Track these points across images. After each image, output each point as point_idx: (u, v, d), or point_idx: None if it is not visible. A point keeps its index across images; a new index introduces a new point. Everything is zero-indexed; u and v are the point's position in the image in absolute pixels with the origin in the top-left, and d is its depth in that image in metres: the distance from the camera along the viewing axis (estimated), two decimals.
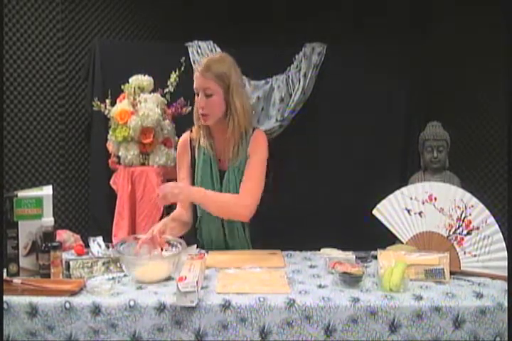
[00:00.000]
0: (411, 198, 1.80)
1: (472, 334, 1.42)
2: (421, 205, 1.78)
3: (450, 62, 3.40)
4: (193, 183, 2.05)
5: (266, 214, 3.27)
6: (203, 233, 2.06)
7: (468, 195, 1.75)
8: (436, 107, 3.39)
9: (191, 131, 2.09)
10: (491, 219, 1.71)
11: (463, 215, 1.73)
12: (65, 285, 1.51)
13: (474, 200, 1.74)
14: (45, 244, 1.61)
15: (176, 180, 3.07)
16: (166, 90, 3.01)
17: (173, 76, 2.99)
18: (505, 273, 1.60)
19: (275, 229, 3.19)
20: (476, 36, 3.28)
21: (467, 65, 3.33)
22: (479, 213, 1.72)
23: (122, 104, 2.93)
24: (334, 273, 1.60)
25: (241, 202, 1.93)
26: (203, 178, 2.00)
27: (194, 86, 1.92)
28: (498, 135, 3.33)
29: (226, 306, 1.41)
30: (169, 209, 3.08)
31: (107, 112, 2.96)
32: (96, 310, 1.40)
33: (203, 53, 3.24)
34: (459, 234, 1.72)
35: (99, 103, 2.96)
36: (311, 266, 1.80)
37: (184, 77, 3.04)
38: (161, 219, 2.92)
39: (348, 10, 3.63)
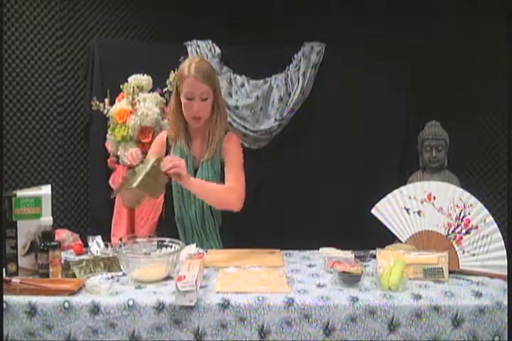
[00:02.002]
0: (410, 197, 1.80)
1: (471, 334, 1.42)
2: (420, 204, 1.78)
3: (450, 62, 3.40)
4: None
5: (264, 213, 3.29)
6: (183, 230, 2.06)
7: (467, 194, 1.75)
8: (436, 107, 3.39)
9: (168, 129, 2.11)
10: (490, 218, 1.71)
11: (462, 214, 1.73)
12: (63, 284, 1.51)
13: (473, 199, 1.74)
14: (44, 243, 1.61)
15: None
16: (165, 89, 3.01)
17: (172, 75, 2.99)
18: (504, 272, 1.61)
19: (274, 228, 3.21)
20: (476, 36, 3.28)
21: (467, 65, 3.34)
22: (478, 212, 1.72)
23: (121, 104, 2.93)
24: (333, 272, 1.61)
25: (232, 194, 1.94)
26: None
27: (187, 91, 1.91)
28: (497, 134, 3.33)
29: (225, 305, 1.41)
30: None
31: (105, 112, 2.95)
32: (95, 309, 1.40)
33: (201, 52, 3.24)
34: (458, 233, 1.72)
35: (98, 102, 2.96)
36: (310, 266, 1.80)
37: None
38: (160, 218, 2.94)
39: (348, 9, 3.63)
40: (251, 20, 3.65)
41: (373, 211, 1.84)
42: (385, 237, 1.88)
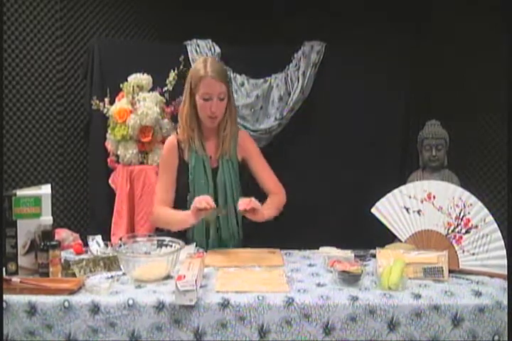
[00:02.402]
0: (410, 197, 1.80)
1: (471, 333, 1.42)
2: (420, 204, 1.78)
3: (450, 62, 3.39)
4: (179, 187, 2.06)
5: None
6: (195, 233, 2.05)
7: (467, 193, 1.75)
8: (436, 107, 3.39)
9: (177, 133, 2.11)
10: (490, 218, 1.71)
11: (462, 214, 1.73)
12: (63, 283, 1.52)
13: (473, 199, 1.74)
14: (44, 242, 1.61)
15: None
16: (165, 89, 3.01)
17: (172, 75, 2.99)
18: (504, 272, 1.61)
19: (274, 227, 3.21)
20: (476, 36, 3.28)
21: (467, 64, 3.33)
22: (478, 211, 1.72)
23: (121, 103, 2.92)
24: (333, 271, 1.61)
25: (282, 200, 2.11)
26: (196, 177, 2.02)
27: (205, 91, 1.92)
28: (497, 134, 3.33)
29: (225, 305, 1.41)
30: None
31: (105, 111, 2.95)
32: (95, 308, 1.40)
33: (201, 52, 3.23)
34: (458, 232, 1.72)
35: (97, 102, 2.95)
36: (310, 265, 1.80)
37: (183, 75, 3.04)
38: None
39: (348, 9, 3.63)
40: (251, 19, 3.64)
41: (373, 210, 1.84)
42: (385, 237, 1.89)
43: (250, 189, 2.08)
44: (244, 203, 1.79)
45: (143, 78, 2.96)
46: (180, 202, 2.05)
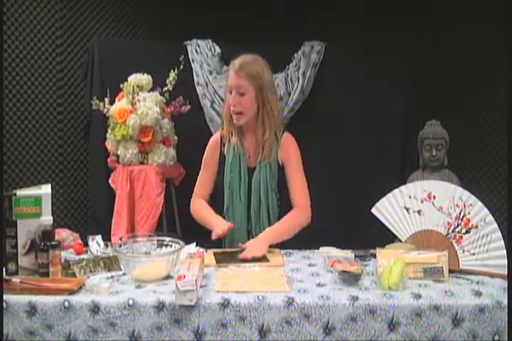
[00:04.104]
0: (410, 197, 1.80)
1: (471, 333, 1.42)
2: (420, 204, 1.78)
3: (450, 61, 3.39)
4: (218, 181, 2.09)
5: None
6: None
7: (467, 193, 1.75)
8: (436, 106, 3.39)
9: (222, 129, 2.12)
10: (490, 218, 1.71)
11: (462, 213, 1.73)
12: (63, 283, 1.51)
13: (473, 199, 1.74)
14: (44, 242, 1.61)
15: (174, 178, 3.09)
16: (165, 89, 3.01)
17: (172, 74, 2.99)
18: (504, 272, 1.61)
19: None
20: (475, 36, 3.28)
21: (467, 64, 3.33)
22: (478, 211, 1.72)
23: (121, 103, 2.92)
24: (333, 271, 1.60)
25: (304, 217, 2.04)
26: (232, 173, 2.04)
27: (228, 84, 1.98)
28: (497, 134, 3.33)
29: (225, 305, 1.41)
30: (169, 208, 3.08)
31: (105, 111, 2.95)
32: (95, 308, 1.40)
33: (201, 52, 3.23)
34: (458, 232, 1.72)
35: (97, 102, 2.95)
36: (310, 265, 1.80)
37: (183, 75, 3.04)
38: (160, 217, 2.94)
39: (348, 8, 3.63)
40: (251, 19, 3.64)
41: (373, 210, 1.84)
42: (385, 237, 1.88)
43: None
44: (246, 253, 1.83)
45: (143, 78, 2.96)
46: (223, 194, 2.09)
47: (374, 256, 1.72)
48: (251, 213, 2.05)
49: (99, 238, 1.96)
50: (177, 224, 3.14)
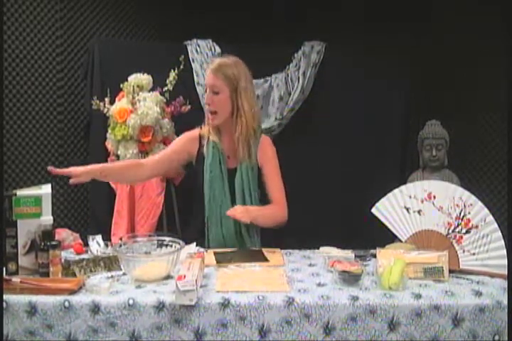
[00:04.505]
0: (410, 196, 1.80)
1: (471, 333, 1.42)
2: (420, 204, 1.78)
3: (450, 61, 3.40)
4: (196, 182, 2.08)
5: None
6: (212, 231, 2.07)
7: (467, 193, 1.75)
8: (436, 106, 3.40)
9: (201, 128, 2.13)
10: (490, 218, 1.71)
11: (462, 213, 1.73)
12: (64, 283, 1.51)
13: (473, 198, 1.74)
14: (44, 242, 1.61)
15: (174, 178, 3.09)
16: (165, 89, 3.01)
17: (172, 74, 2.99)
18: (504, 272, 1.61)
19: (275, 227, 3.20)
20: (475, 36, 3.28)
21: (467, 64, 3.33)
22: (478, 211, 1.72)
23: (121, 103, 2.92)
24: (333, 271, 1.60)
25: (281, 213, 2.07)
26: (212, 173, 2.04)
27: (205, 83, 2.06)
28: (497, 134, 3.33)
29: (225, 305, 1.41)
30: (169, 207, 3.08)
31: (105, 111, 2.95)
32: (95, 308, 1.40)
33: (201, 52, 3.23)
34: (458, 232, 1.72)
35: (98, 102, 2.95)
36: (310, 265, 1.80)
37: (183, 75, 3.04)
38: (160, 217, 2.94)
39: (348, 8, 3.63)
40: (251, 19, 3.64)
41: (373, 210, 1.84)
42: (385, 236, 1.88)
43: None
44: (231, 212, 1.89)
45: (143, 78, 2.96)
46: (197, 191, 2.09)
47: (374, 256, 1.72)
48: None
49: (99, 238, 1.96)
50: (177, 224, 3.14)
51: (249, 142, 2.02)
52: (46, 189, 1.72)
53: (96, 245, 1.92)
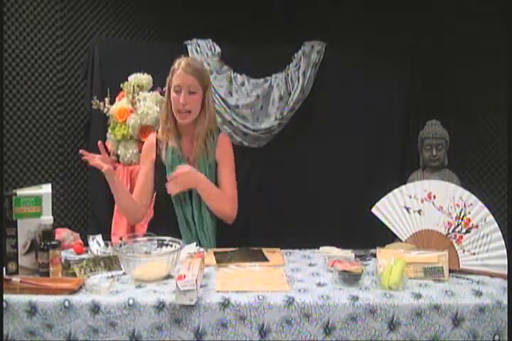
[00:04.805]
0: (410, 196, 1.80)
1: (471, 333, 1.42)
2: (420, 203, 1.78)
3: (450, 61, 3.40)
4: (156, 183, 2.09)
5: (265, 212, 3.29)
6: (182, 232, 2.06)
7: (467, 193, 1.75)
8: (436, 106, 3.40)
9: (157, 132, 2.14)
10: (490, 218, 1.71)
11: (462, 213, 1.73)
12: (64, 283, 1.51)
13: (473, 198, 1.74)
14: (44, 242, 1.61)
15: None
16: (165, 88, 3.00)
17: None
18: (505, 271, 1.61)
19: (274, 227, 3.21)
20: (475, 36, 3.28)
21: (467, 64, 3.34)
22: (478, 211, 1.72)
23: (121, 103, 2.93)
24: (333, 271, 1.60)
25: (230, 205, 2.06)
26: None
27: (176, 83, 1.98)
28: (497, 133, 3.33)
29: (225, 304, 1.41)
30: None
31: (105, 111, 2.95)
32: (95, 308, 1.40)
33: (202, 52, 3.23)
34: (458, 232, 1.72)
35: (98, 101, 2.96)
36: (310, 265, 1.80)
37: None
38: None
39: (348, 8, 3.63)
40: (251, 19, 3.64)
41: (373, 210, 1.84)
42: (385, 236, 1.88)
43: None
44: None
45: (143, 78, 2.97)
46: (159, 199, 2.10)
47: (374, 255, 1.72)
48: (194, 213, 2.04)
49: (99, 238, 1.96)
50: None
51: (206, 140, 2.04)
52: (46, 189, 1.72)
53: (96, 245, 1.92)
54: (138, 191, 2.10)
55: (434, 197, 1.77)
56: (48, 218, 1.66)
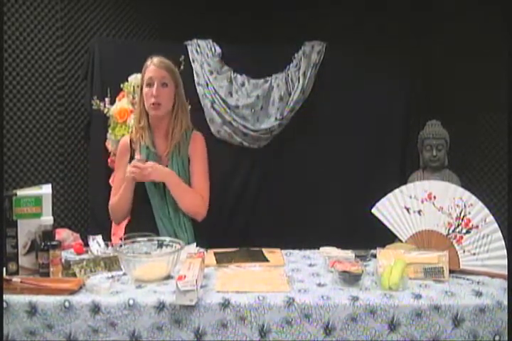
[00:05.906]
0: (410, 197, 1.80)
1: (471, 333, 1.42)
2: (420, 204, 1.78)
3: (450, 61, 3.39)
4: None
5: (265, 212, 3.29)
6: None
7: (467, 193, 1.75)
8: (436, 106, 3.39)
9: (131, 132, 2.18)
10: (491, 218, 1.71)
11: (462, 214, 1.73)
12: (64, 283, 1.52)
13: (473, 199, 1.74)
14: (45, 242, 1.61)
15: None
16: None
17: None
18: (505, 272, 1.61)
19: (274, 228, 3.21)
20: (475, 36, 3.28)
21: (467, 64, 3.33)
22: (478, 212, 1.72)
23: (121, 103, 2.92)
24: (334, 271, 1.60)
25: (201, 202, 2.09)
26: None
27: (148, 77, 2.04)
28: (498, 134, 3.33)
29: (225, 305, 1.41)
30: None
31: (106, 111, 2.95)
32: (95, 308, 1.40)
33: (202, 52, 3.23)
34: (459, 232, 1.72)
35: (98, 102, 2.95)
36: (310, 265, 1.80)
37: (183, 75, 3.03)
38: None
39: (349, 9, 3.63)
40: (251, 19, 3.64)
41: (374, 210, 1.84)
42: (386, 237, 1.89)
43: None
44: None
45: None
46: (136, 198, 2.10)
47: (374, 256, 1.72)
48: (169, 210, 2.06)
49: (99, 238, 1.96)
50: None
51: (179, 138, 2.08)
52: (46, 189, 1.72)
53: (96, 245, 1.92)
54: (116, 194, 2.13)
55: (435, 197, 1.77)
56: (48, 218, 1.66)
